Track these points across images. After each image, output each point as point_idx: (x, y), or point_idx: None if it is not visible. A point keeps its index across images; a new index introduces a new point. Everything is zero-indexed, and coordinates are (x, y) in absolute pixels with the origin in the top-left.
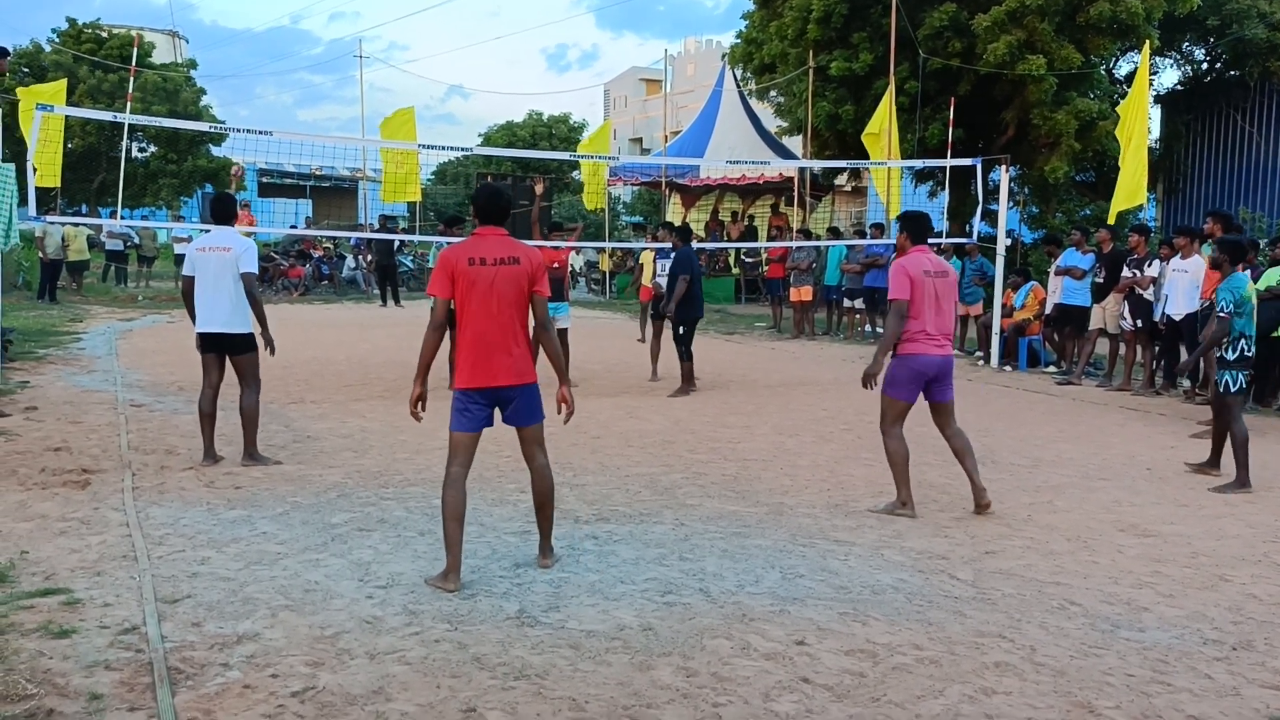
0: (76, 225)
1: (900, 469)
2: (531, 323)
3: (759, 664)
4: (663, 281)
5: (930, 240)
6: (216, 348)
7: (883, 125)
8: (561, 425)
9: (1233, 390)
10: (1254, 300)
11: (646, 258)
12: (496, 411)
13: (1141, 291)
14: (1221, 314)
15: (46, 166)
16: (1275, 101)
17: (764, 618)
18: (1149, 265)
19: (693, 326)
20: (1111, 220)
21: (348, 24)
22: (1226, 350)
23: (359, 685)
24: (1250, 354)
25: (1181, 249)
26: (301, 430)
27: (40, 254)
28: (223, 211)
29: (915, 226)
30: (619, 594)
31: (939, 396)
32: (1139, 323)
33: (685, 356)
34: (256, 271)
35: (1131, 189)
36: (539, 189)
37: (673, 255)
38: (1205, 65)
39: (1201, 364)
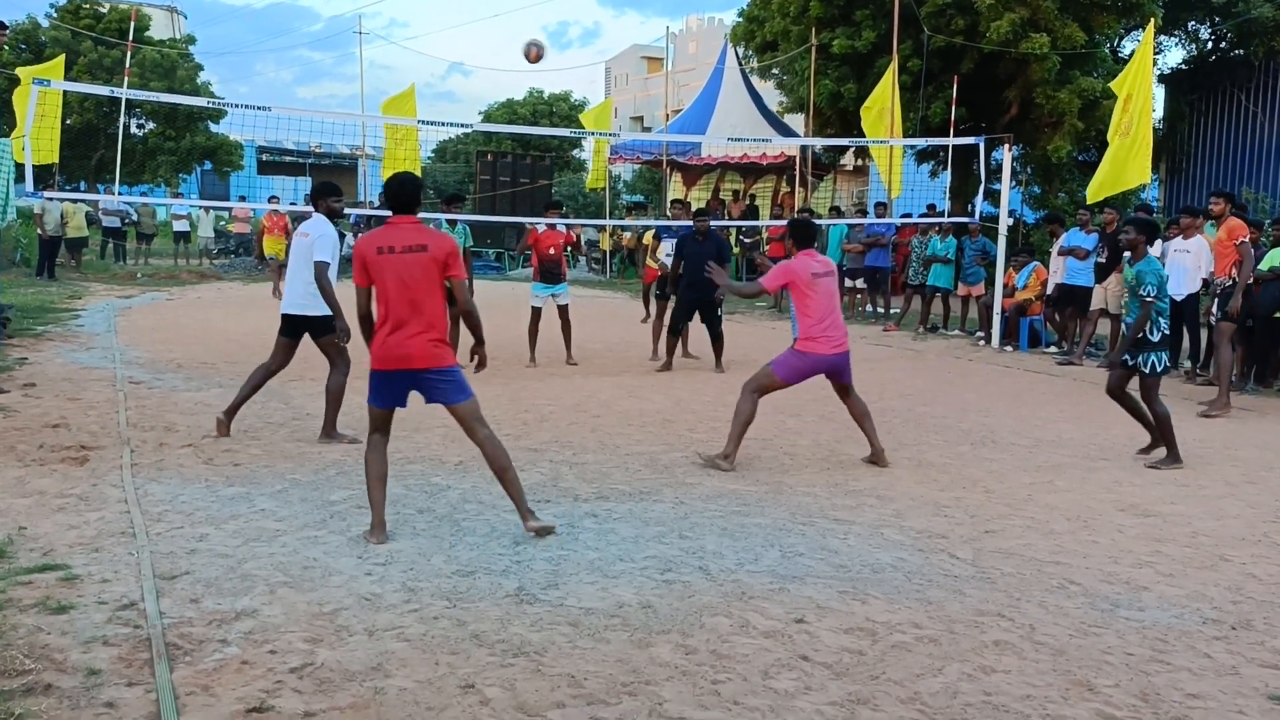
0: (75, 202)
1: (740, 427)
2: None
3: (758, 642)
4: (668, 261)
5: (931, 219)
6: (292, 330)
7: (884, 104)
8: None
9: (1159, 371)
10: (1162, 277)
11: (650, 239)
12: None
13: None
14: (1148, 298)
15: (44, 142)
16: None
17: (763, 596)
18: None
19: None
20: (1090, 201)
21: (348, 0)
22: (1151, 332)
23: (357, 661)
24: (1168, 331)
25: (1185, 229)
26: (301, 408)
27: (39, 231)
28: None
29: (800, 233)
30: (618, 572)
31: (840, 379)
32: None
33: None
34: (328, 260)
35: (1134, 169)
36: None
37: (681, 235)
38: (1210, 44)
39: (1203, 342)
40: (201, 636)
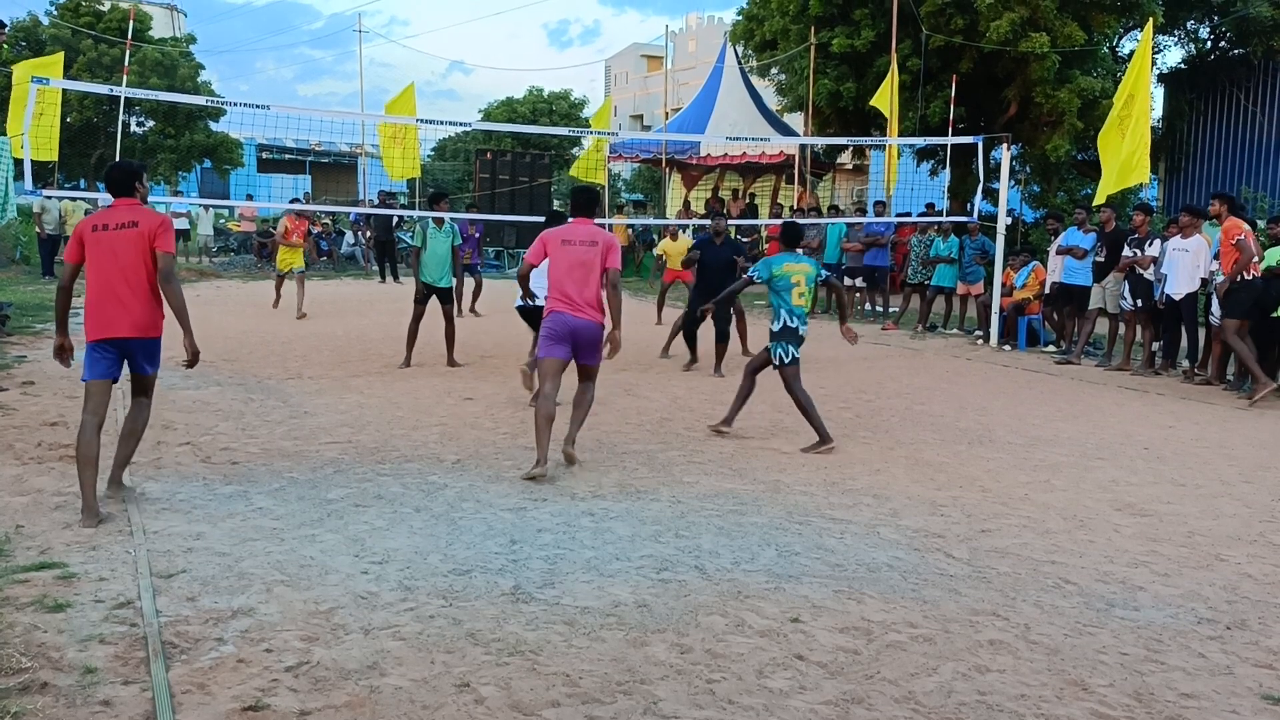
0: (74, 200)
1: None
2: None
3: (753, 641)
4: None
5: (930, 218)
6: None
7: (887, 101)
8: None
9: (786, 362)
10: (792, 278)
11: (669, 246)
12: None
13: (1142, 271)
14: (748, 275)
15: (43, 140)
16: (1279, 80)
17: (759, 595)
18: (1149, 245)
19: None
20: (1099, 201)
21: None
22: (773, 322)
23: (353, 660)
24: (792, 325)
25: (1185, 228)
26: (299, 406)
27: (38, 229)
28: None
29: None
30: (614, 570)
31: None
32: (1139, 302)
33: (722, 336)
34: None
35: (1133, 167)
36: None
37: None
38: (1209, 43)
39: (1200, 343)
40: (198, 635)
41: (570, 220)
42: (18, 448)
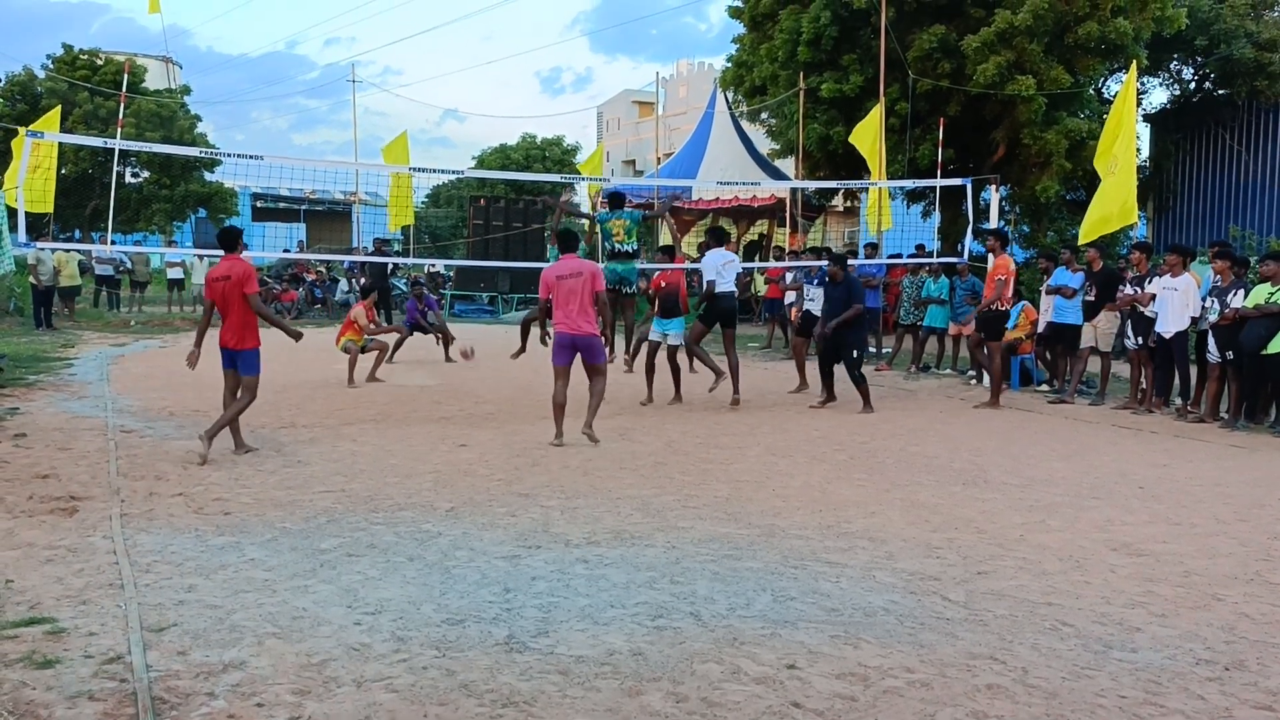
0: (68, 251)
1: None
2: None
3: (749, 688)
4: (813, 307)
5: (920, 259)
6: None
7: (872, 142)
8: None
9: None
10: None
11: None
12: None
13: (1143, 309)
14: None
15: (38, 192)
16: (1263, 120)
17: (755, 641)
18: (1149, 282)
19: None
20: (1082, 242)
21: (343, 49)
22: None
23: (345, 714)
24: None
25: (1171, 267)
26: (292, 455)
27: (34, 281)
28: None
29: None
30: (609, 618)
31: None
32: (1140, 340)
33: (860, 379)
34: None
35: (1122, 209)
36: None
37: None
38: (1193, 85)
39: (1193, 379)
40: (188, 690)
41: (560, 257)
42: (9, 501)
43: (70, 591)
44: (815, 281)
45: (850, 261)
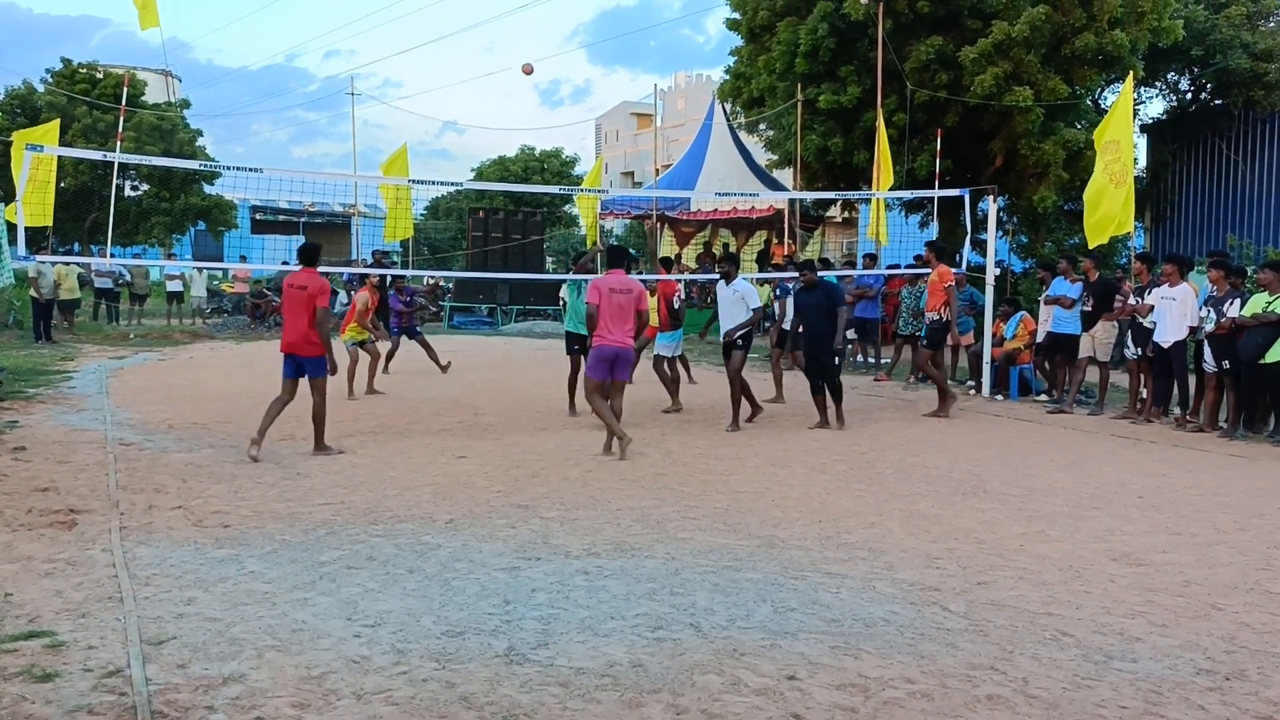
0: (68, 264)
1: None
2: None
3: (749, 700)
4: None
5: (919, 270)
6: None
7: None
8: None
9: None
10: None
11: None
12: None
13: (1142, 319)
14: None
15: (37, 206)
16: (1259, 130)
17: (755, 652)
18: (1148, 293)
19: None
20: (1091, 245)
21: (342, 61)
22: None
23: None
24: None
25: (1168, 277)
26: (291, 467)
27: (35, 294)
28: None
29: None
30: (609, 630)
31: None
32: (1140, 350)
33: (837, 388)
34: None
35: (1116, 219)
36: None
37: (813, 289)
38: (1190, 95)
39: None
40: (187, 703)
41: (609, 272)
42: (8, 514)
43: (69, 605)
44: (783, 293)
45: (849, 273)
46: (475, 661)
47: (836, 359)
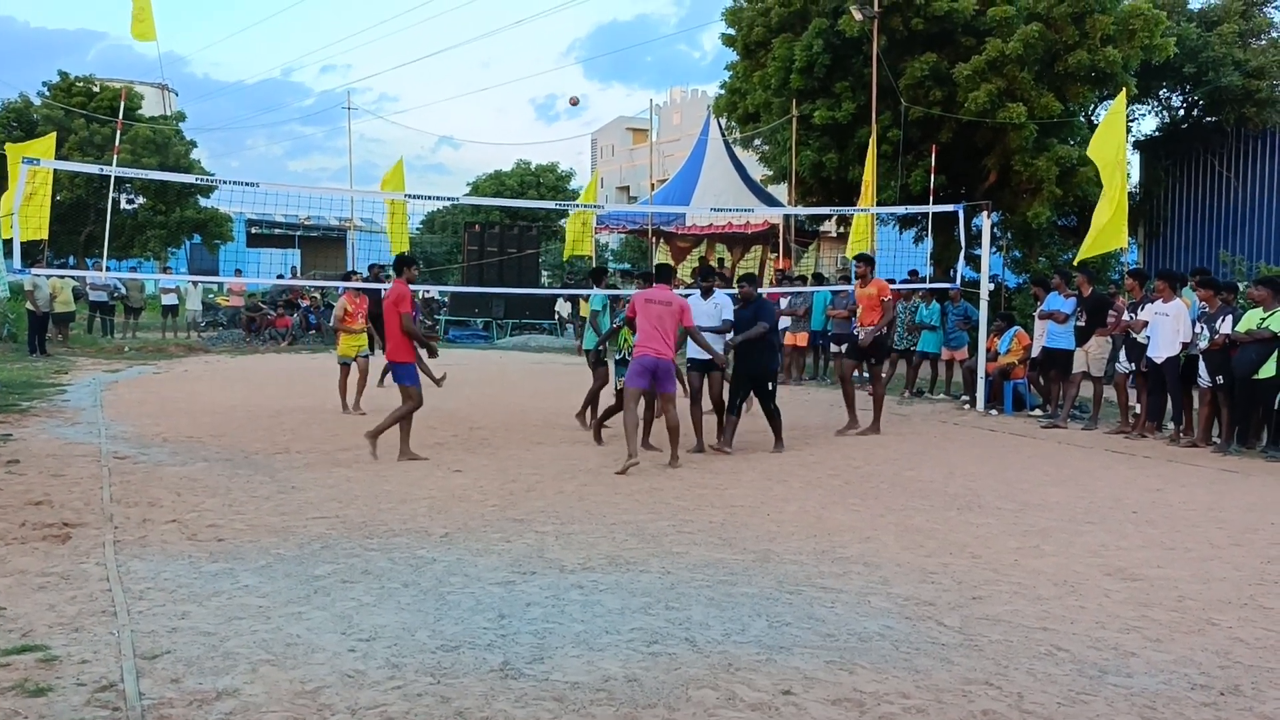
0: (63, 278)
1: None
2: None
3: (745, 715)
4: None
5: (913, 285)
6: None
7: (870, 176)
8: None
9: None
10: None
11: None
12: None
13: (1135, 335)
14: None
15: (34, 220)
16: (1251, 147)
17: (750, 667)
18: (1142, 308)
19: (774, 379)
20: (1077, 261)
21: (339, 75)
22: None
23: None
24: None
25: (1161, 293)
26: (286, 481)
27: (31, 307)
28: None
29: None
30: (604, 644)
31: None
32: (1133, 365)
33: (775, 413)
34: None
35: (1110, 233)
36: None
37: (749, 305)
38: (1182, 112)
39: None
40: (181, 718)
41: (655, 285)
42: (1, 527)
43: (63, 619)
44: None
45: (843, 288)
46: (470, 676)
47: (771, 383)
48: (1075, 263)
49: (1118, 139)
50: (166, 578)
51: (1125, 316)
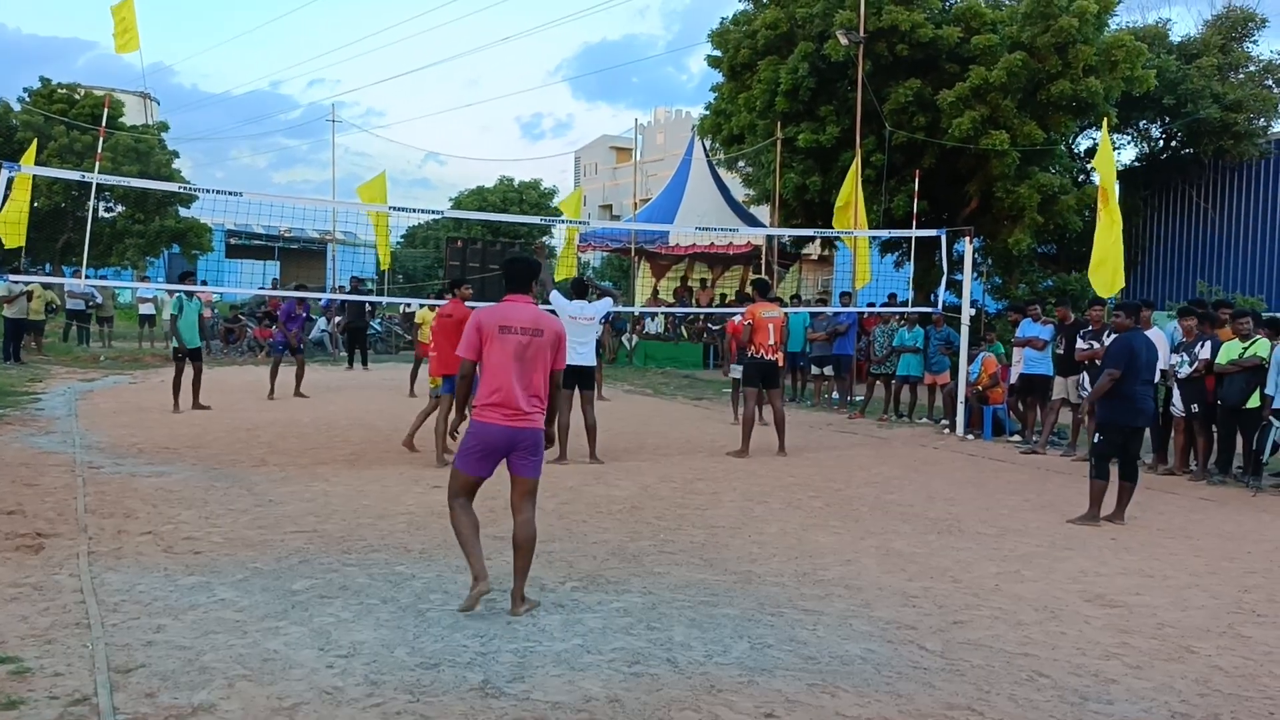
0: (45, 285)
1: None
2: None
3: None
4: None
5: (893, 308)
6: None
7: (849, 198)
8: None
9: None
10: None
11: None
12: None
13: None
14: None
15: (13, 227)
16: (1229, 179)
17: (732, 689)
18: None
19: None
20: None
21: (327, 89)
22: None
23: None
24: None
25: (1143, 322)
26: (264, 494)
27: (8, 313)
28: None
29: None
30: (585, 664)
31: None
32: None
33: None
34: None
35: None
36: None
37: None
38: (1161, 143)
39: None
40: None
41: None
42: None
43: (35, 630)
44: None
45: (824, 310)
46: (450, 694)
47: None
48: (1105, 295)
49: (1110, 172)
50: (141, 590)
51: (1082, 345)
